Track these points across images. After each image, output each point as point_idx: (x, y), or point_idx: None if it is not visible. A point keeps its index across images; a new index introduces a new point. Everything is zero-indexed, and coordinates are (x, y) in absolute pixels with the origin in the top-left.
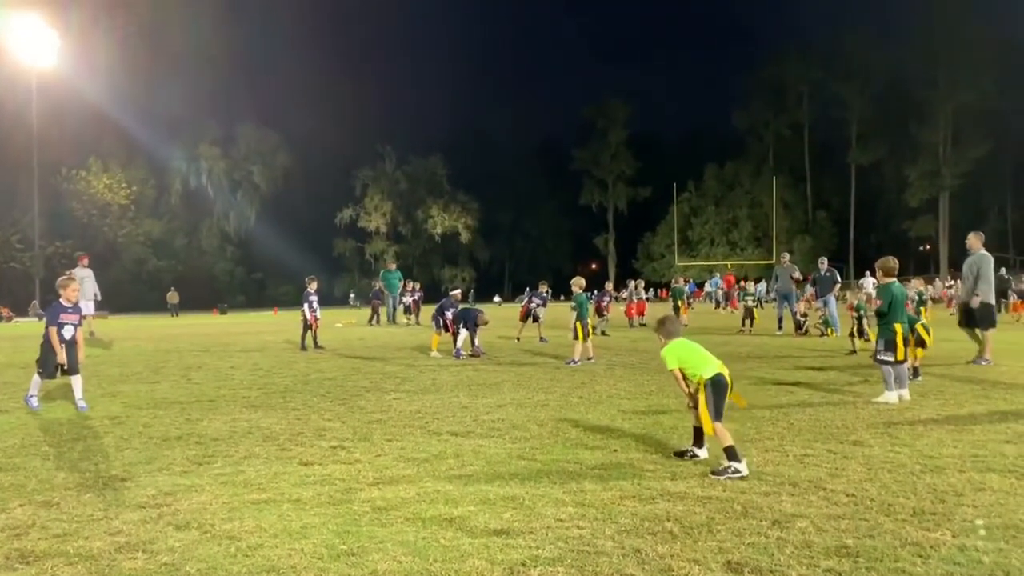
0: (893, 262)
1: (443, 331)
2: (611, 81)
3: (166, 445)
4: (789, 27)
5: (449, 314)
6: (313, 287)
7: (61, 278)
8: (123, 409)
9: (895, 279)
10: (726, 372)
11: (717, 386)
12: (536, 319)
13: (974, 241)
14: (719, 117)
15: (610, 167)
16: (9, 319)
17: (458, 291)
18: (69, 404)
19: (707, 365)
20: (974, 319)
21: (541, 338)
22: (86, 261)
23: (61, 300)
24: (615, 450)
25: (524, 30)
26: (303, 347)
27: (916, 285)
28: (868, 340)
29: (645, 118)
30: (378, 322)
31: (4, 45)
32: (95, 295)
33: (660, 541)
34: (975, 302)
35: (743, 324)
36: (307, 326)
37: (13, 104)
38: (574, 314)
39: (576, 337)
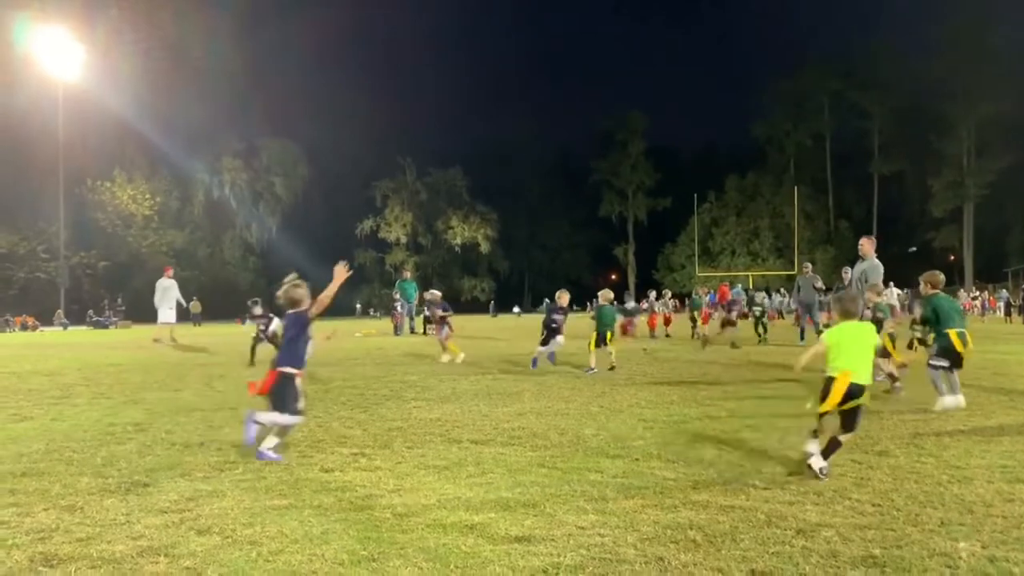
0: (940, 276)
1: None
2: (630, 92)
3: (188, 451)
4: (809, 38)
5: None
6: (257, 310)
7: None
8: (146, 416)
9: (939, 291)
10: (863, 383)
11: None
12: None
13: (867, 247)
14: (739, 127)
15: (629, 178)
16: (34, 328)
17: (437, 293)
18: (93, 410)
19: (852, 367)
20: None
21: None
22: (170, 272)
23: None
24: (636, 459)
25: (543, 43)
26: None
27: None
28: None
29: (664, 129)
30: (400, 332)
31: (32, 58)
32: (179, 302)
33: (683, 549)
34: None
35: (757, 332)
36: (261, 340)
37: (40, 116)
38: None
39: (598, 345)
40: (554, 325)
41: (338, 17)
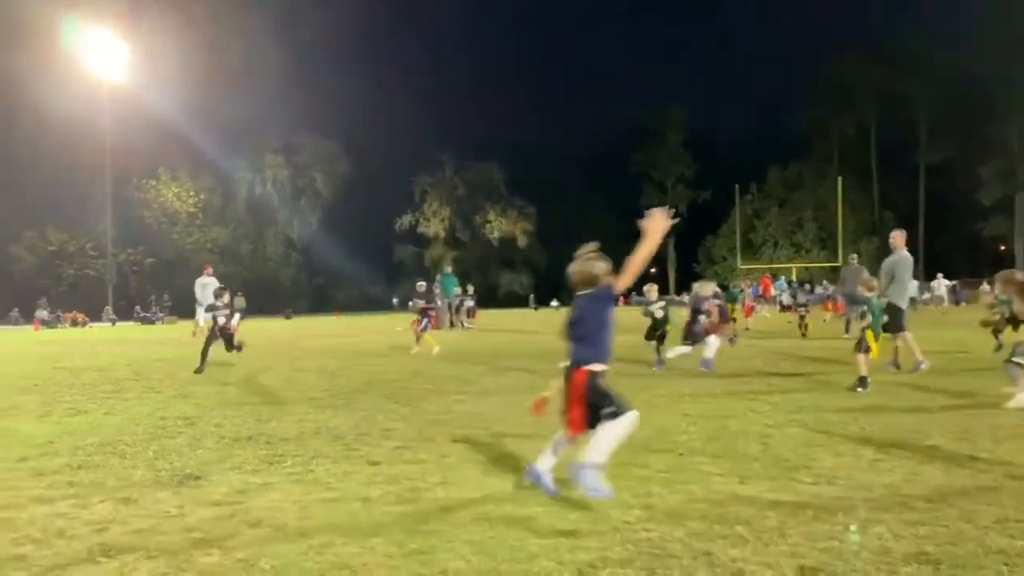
0: (1020, 275)
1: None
2: (670, 82)
3: (237, 445)
4: (854, 24)
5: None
6: (225, 299)
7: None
8: (195, 410)
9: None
10: None
11: None
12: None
13: (898, 239)
14: (781, 117)
15: (669, 169)
16: (84, 324)
17: (422, 284)
18: (143, 404)
19: None
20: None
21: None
22: (210, 270)
23: None
24: (681, 454)
25: (582, 35)
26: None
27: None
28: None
29: (704, 119)
30: (441, 326)
31: (78, 58)
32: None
33: (731, 545)
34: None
35: (800, 328)
36: (217, 336)
37: (87, 116)
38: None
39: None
40: (699, 319)
41: (375, 12)
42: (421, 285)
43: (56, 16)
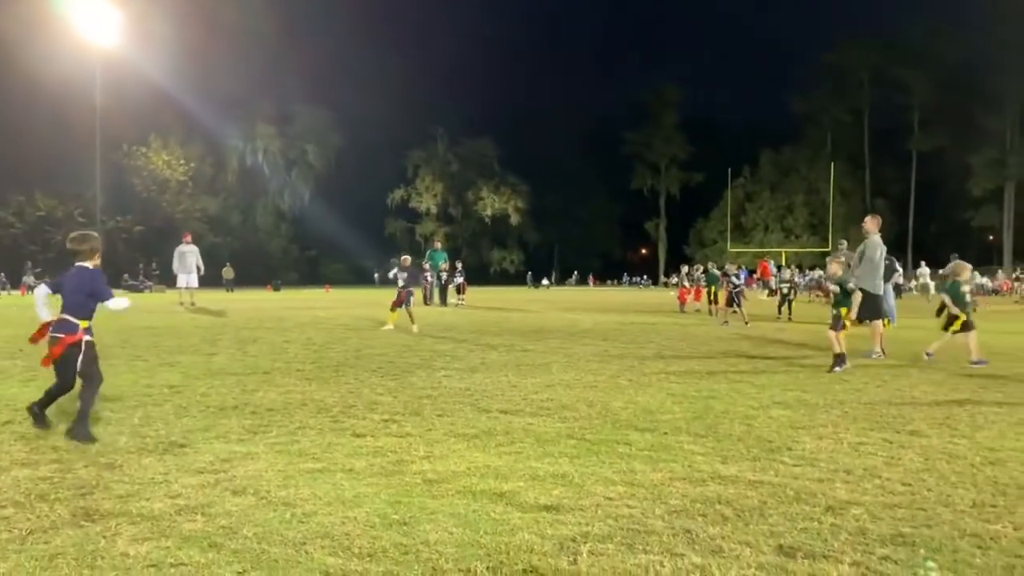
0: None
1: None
2: (665, 64)
3: (223, 414)
4: (850, 10)
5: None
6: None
7: None
8: (181, 379)
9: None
10: None
11: None
12: (738, 303)
13: (869, 224)
14: (776, 102)
15: (663, 151)
16: None
17: (407, 257)
18: (130, 372)
19: None
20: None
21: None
22: (189, 238)
23: None
24: (665, 432)
25: (579, 13)
26: None
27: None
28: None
29: (699, 102)
30: (430, 301)
31: (70, 23)
32: (198, 268)
33: (711, 523)
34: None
35: (779, 311)
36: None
37: (78, 81)
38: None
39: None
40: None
41: None
42: (406, 259)
43: None
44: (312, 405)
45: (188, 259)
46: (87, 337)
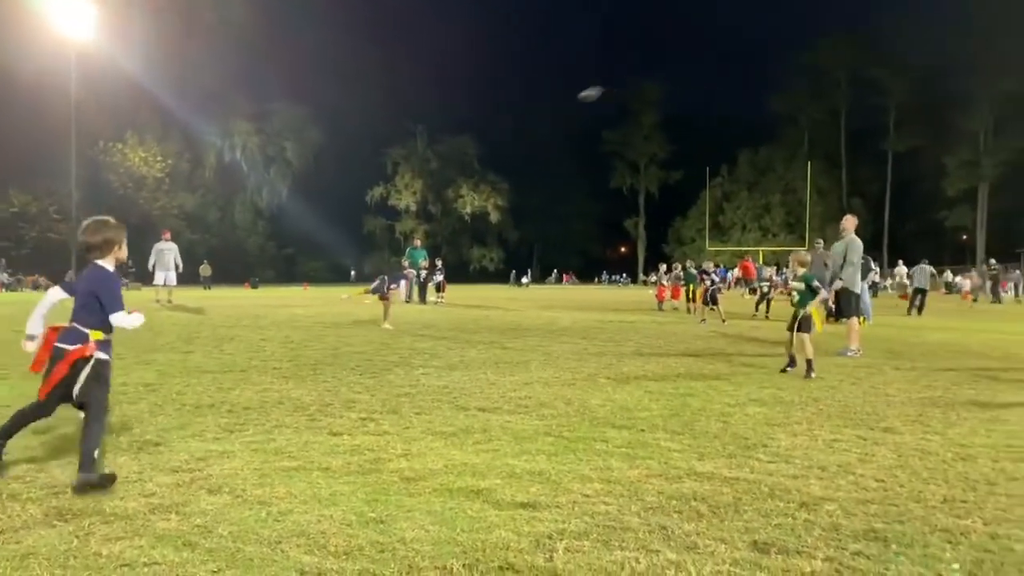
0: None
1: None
2: (645, 63)
3: (199, 412)
4: (829, 10)
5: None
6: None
7: None
8: (157, 377)
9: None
10: None
11: None
12: (716, 301)
13: (847, 223)
14: (754, 102)
15: (642, 150)
16: (46, 287)
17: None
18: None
19: None
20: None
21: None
22: (168, 235)
23: None
24: (642, 430)
25: (561, 10)
26: None
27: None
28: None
29: (679, 101)
30: (410, 299)
31: (46, 17)
32: (177, 266)
33: (686, 519)
34: (837, 286)
35: (756, 308)
36: None
37: (53, 76)
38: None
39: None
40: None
41: None
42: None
43: None
44: (289, 403)
45: (166, 256)
46: (100, 354)
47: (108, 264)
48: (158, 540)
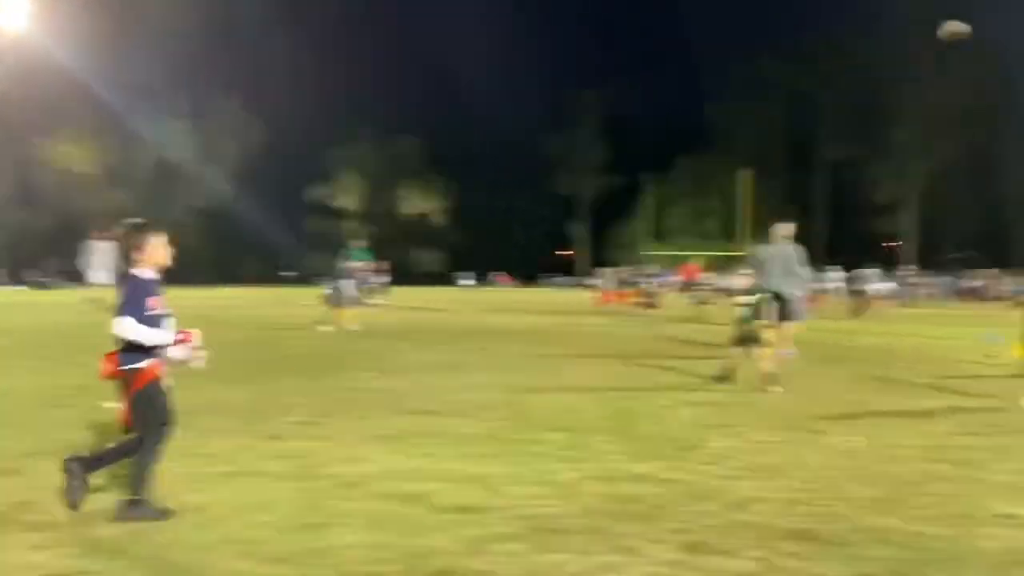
0: None
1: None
2: (589, 69)
3: None
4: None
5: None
6: None
7: None
8: (89, 380)
9: None
10: None
11: None
12: (655, 305)
13: (783, 231)
14: (694, 109)
15: (584, 154)
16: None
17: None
18: (34, 374)
19: None
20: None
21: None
22: (102, 234)
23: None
24: (580, 432)
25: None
26: None
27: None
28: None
29: (620, 107)
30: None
31: None
32: (110, 265)
33: (621, 521)
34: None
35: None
36: None
37: None
38: None
39: None
40: None
41: None
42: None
43: None
44: (224, 407)
45: (100, 256)
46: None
47: (141, 272)
48: (88, 549)
